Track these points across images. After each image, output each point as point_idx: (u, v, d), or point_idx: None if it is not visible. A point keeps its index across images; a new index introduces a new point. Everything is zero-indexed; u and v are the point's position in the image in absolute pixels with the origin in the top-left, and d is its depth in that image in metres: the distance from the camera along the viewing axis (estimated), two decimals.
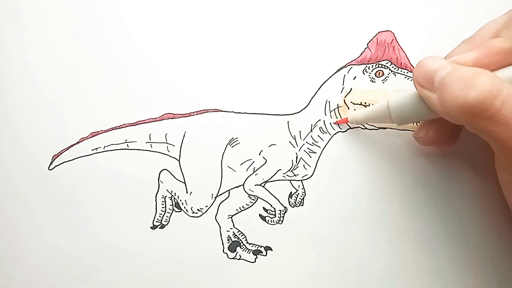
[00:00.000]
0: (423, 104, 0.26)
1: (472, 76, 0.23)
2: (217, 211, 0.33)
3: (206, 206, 0.33)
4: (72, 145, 0.34)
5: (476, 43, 0.26)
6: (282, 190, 0.33)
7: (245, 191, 0.33)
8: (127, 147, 0.34)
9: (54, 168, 0.34)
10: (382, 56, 0.32)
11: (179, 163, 0.33)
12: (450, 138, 0.30)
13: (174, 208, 0.33)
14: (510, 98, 0.22)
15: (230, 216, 0.33)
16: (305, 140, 0.33)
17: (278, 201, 0.33)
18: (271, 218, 0.33)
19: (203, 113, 0.33)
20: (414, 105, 0.27)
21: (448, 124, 0.26)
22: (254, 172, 0.33)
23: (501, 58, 0.25)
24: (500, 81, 0.22)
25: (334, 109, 0.33)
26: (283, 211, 0.33)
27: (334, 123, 0.33)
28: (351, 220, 0.32)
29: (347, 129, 0.33)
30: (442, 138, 0.29)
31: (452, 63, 0.25)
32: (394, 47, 0.32)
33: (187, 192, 0.33)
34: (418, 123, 0.31)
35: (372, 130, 0.32)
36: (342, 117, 0.32)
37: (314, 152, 0.33)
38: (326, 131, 0.33)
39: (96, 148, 0.34)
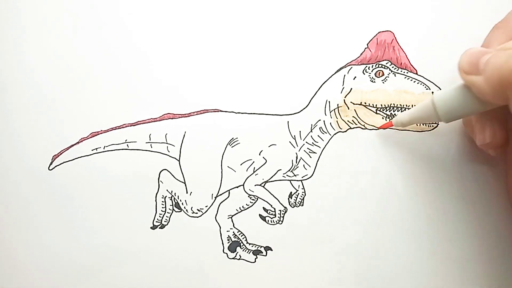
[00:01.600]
0: (469, 96, 0.26)
1: None
2: (217, 211, 0.33)
3: (206, 206, 0.33)
4: (72, 145, 0.34)
5: (510, 28, 0.27)
6: (282, 190, 0.33)
7: (245, 191, 0.33)
8: (127, 147, 0.34)
9: (54, 168, 0.34)
10: (382, 56, 0.32)
11: (179, 163, 0.33)
12: (506, 138, 0.28)
13: (174, 208, 0.33)
14: None
15: (230, 216, 0.33)
16: (305, 140, 0.33)
17: (278, 201, 0.33)
18: (271, 218, 0.33)
19: (203, 113, 0.33)
20: (460, 99, 0.27)
21: (501, 118, 0.26)
22: (254, 172, 0.33)
23: None
24: None
25: (334, 109, 0.33)
26: (283, 211, 0.33)
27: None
28: (351, 220, 0.32)
29: (347, 129, 0.33)
30: (497, 135, 0.27)
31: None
32: (394, 47, 0.32)
33: (187, 192, 0.33)
34: (418, 125, 0.31)
35: (372, 130, 0.32)
36: (343, 118, 0.32)
37: (314, 152, 0.33)
38: (326, 131, 0.33)
39: (96, 148, 0.34)
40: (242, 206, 0.33)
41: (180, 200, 0.33)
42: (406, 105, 0.32)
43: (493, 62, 0.23)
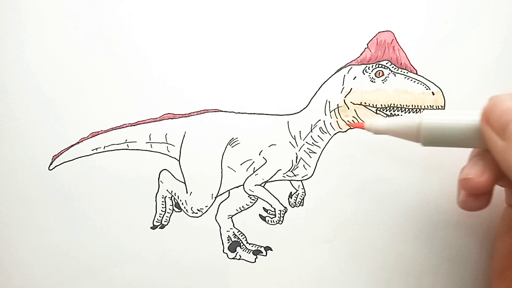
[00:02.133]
0: (469, 135, 0.24)
1: None
2: (217, 211, 0.33)
3: (206, 206, 0.33)
4: (72, 145, 0.34)
5: None
6: (282, 190, 0.33)
7: (245, 191, 0.33)
8: (127, 147, 0.34)
9: (54, 168, 0.34)
10: (382, 56, 0.32)
11: (179, 163, 0.33)
12: (489, 194, 0.26)
13: (174, 208, 0.33)
14: None
15: (230, 216, 0.33)
16: (305, 140, 0.33)
17: (278, 201, 0.33)
18: (271, 218, 0.33)
19: (203, 113, 0.33)
20: (455, 132, 0.25)
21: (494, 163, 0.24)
22: (254, 172, 0.33)
23: None
24: None
25: (334, 109, 0.33)
26: (283, 211, 0.33)
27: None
28: (351, 220, 0.32)
29: (347, 129, 0.33)
30: (496, 180, 0.25)
31: None
32: (394, 47, 0.32)
33: (187, 192, 0.33)
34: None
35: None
36: (343, 118, 0.32)
37: (314, 152, 0.33)
38: (326, 131, 0.33)
39: (96, 148, 0.34)
40: (242, 206, 0.33)
41: (180, 200, 0.33)
42: (406, 105, 0.32)
43: None
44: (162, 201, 0.33)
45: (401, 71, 0.32)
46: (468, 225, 0.31)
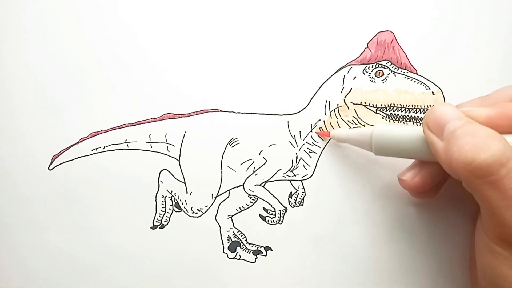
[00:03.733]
0: (415, 144, 0.26)
1: (486, 137, 0.23)
2: (217, 211, 0.33)
3: (206, 206, 0.33)
4: (72, 145, 0.34)
5: (490, 102, 0.26)
6: (282, 190, 0.33)
7: (245, 191, 0.33)
8: (127, 147, 0.34)
9: (54, 168, 0.34)
10: (382, 56, 0.32)
11: (179, 163, 0.33)
12: (433, 189, 0.29)
13: (174, 208, 0.33)
14: None
15: (230, 216, 0.33)
16: (305, 140, 0.33)
17: (278, 201, 0.33)
18: (271, 218, 0.33)
19: (203, 113, 0.33)
20: (402, 141, 0.27)
21: (439, 172, 0.26)
22: (254, 172, 0.33)
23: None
24: (511, 150, 0.22)
25: (334, 109, 0.33)
26: (283, 211, 0.33)
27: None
28: (351, 220, 0.32)
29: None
30: (427, 186, 0.28)
31: (466, 116, 0.25)
32: (394, 47, 0.32)
33: (187, 192, 0.33)
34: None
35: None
36: (343, 118, 0.32)
37: (314, 152, 0.33)
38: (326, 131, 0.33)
39: (96, 148, 0.34)
40: (242, 206, 0.33)
41: (180, 200, 0.33)
42: (406, 105, 0.32)
43: (459, 141, 0.23)
44: (162, 201, 0.33)
45: (401, 71, 0.32)
46: (469, 225, 0.31)
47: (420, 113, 0.32)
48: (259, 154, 0.33)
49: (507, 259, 0.23)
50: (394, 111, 0.32)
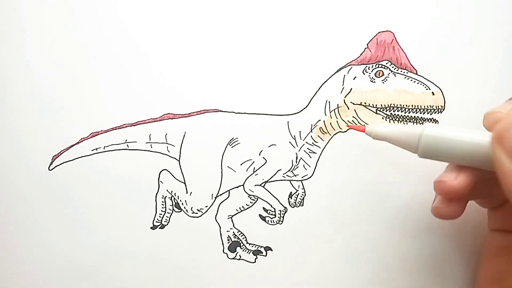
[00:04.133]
0: (471, 152, 0.25)
1: None
2: (217, 211, 0.33)
3: (206, 206, 0.33)
4: (72, 145, 0.34)
5: None
6: (282, 190, 0.33)
7: (245, 191, 0.33)
8: (127, 147, 0.34)
9: (54, 168, 0.34)
10: (382, 56, 0.32)
11: (179, 163, 0.33)
12: (462, 204, 0.27)
13: (174, 208, 0.33)
14: None
15: (230, 216, 0.33)
16: (305, 140, 0.33)
17: (278, 201, 0.33)
18: (271, 218, 0.33)
19: (203, 113, 0.33)
20: (456, 148, 0.25)
21: (481, 176, 0.24)
22: (254, 172, 0.33)
23: None
24: None
25: (334, 109, 0.33)
26: (283, 211, 0.33)
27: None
28: (351, 220, 0.32)
29: (347, 129, 0.33)
30: (468, 188, 0.26)
31: None
32: (394, 47, 0.32)
33: (187, 192, 0.33)
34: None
35: None
36: (343, 118, 0.32)
37: (314, 152, 0.33)
38: (326, 131, 0.33)
39: (96, 149, 0.34)
40: (242, 206, 0.33)
41: (180, 200, 0.33)
42: (406, 105, 0.32)
43: None
44: (162, 201, 0.33)
45: (401, 71, 0.32)
46: (469, 225, 0.31)
47: (420, 113, 0.32)
48: (259, 154, 0.33)
49: None
50: (394, 111, 0.32)
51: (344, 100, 0.33)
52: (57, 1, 0.34)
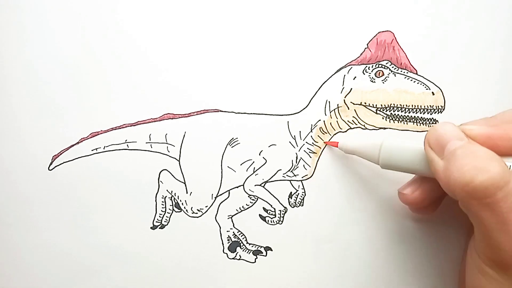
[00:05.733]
0: (419, 160, 0.27)
1: (485, 159, 0.23)
2: (217, 211, 0.33)
3: (206, 206, 0.33)
4: (72, 145, 0.34)
5: (493, 122, 0.26)
6: (282, 190, 0.33)
7: (245, 191, 0.33)
8: (127, 147, 0.34)
9: (54, 168, 0.34)
10: (382, 56, 0.32)
11: (179, 163, 0.33)
12: (432, 205, 0.29)
13: (174, 208, 0.33)
14: None
15: (230, 216, 0.33)
16: (305, 140, 0.33)
17: (278, 201, 0.33)
18: (271, 218, 0.33)
19: (203, 113, 0.33)
20: (408, 157, 0.27)
21: (438, 189, 0.25)
22: (254, 172, 0.33)
23: None
24: (510, 173, 0.22)
25: (334, 109, 0.33)
26: (283, 211, 0.33)
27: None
28: (351, 220, 0.32)
29: (347, 129, 0.33)
30: (426, 201, 0.29)
31: (467, 137, 0.25)
32: (394, 47, 0.32)
33: (187, 192, 0.33)
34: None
35: (373, 131, 0.32)
36: (343, 118, 0.32)
37: (314, 152, 0.33)
38: (326, 131, 0.33)
39: (96, 148, 0.34)
40: (242, 206, 0.33)
41: (180, 200, 0.33)
42: (406, 105, 0.32)
43: (459, 161, 0.23)
44: (162, 201, 0.33)
45: (401, 71, 0.32)
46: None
47: (420, 113, 0.32)
48: (259, 154, 0.33)
49: (496, 281, 0.23)
50: (394, 111, 0.32)
51: (344, 100, 0.33)
52: (59, 1, 0.34)
